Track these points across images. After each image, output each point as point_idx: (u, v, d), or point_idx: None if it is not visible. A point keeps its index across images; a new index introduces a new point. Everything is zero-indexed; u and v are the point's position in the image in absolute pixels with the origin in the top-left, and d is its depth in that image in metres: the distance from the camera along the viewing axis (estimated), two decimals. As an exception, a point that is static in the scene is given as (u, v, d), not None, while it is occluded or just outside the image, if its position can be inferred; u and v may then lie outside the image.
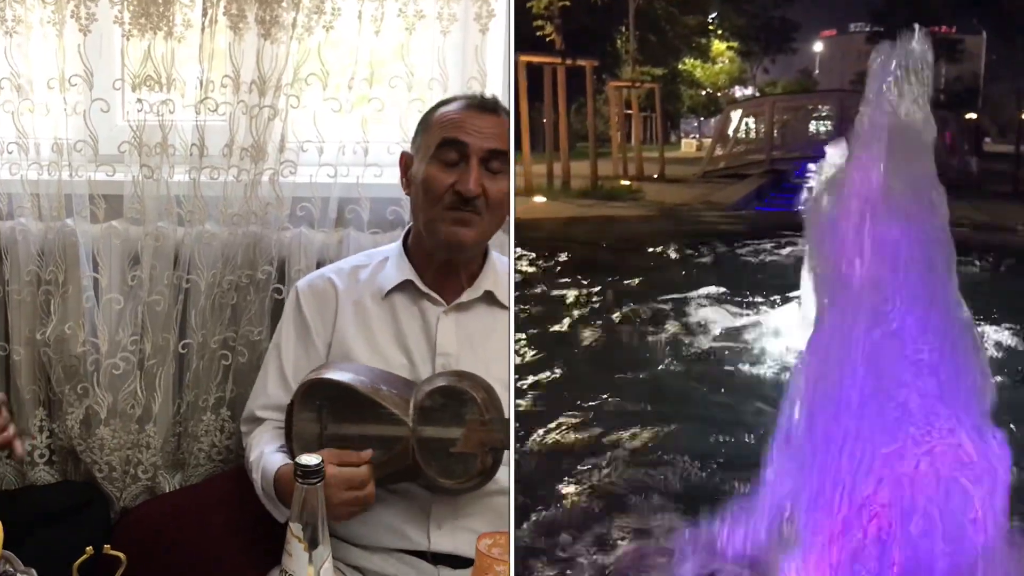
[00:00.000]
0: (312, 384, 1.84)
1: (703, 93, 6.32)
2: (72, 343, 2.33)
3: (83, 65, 2.29)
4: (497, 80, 2.40)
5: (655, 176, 6.17)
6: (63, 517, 2.11)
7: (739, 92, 6.37)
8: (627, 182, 5.97)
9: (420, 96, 2.35)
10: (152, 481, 2.43)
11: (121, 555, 1.39)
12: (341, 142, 2.37)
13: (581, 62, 5.58)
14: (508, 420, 1.79)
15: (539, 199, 5.64)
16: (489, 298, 1.99)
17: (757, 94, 6.34)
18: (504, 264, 2.05)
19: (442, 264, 1.98)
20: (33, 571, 1.41)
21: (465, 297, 1.97)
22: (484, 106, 1.96)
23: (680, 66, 6.12)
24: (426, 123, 1.99)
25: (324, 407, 1.82)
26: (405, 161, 2.03)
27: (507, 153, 1.92)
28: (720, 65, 6.15)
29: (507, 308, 1.99)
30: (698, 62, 6.15)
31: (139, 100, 2.29)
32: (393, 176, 2.35)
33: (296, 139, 2.37)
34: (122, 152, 2.33)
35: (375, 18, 2.32)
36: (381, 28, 2.33)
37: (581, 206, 5.64)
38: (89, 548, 1.38)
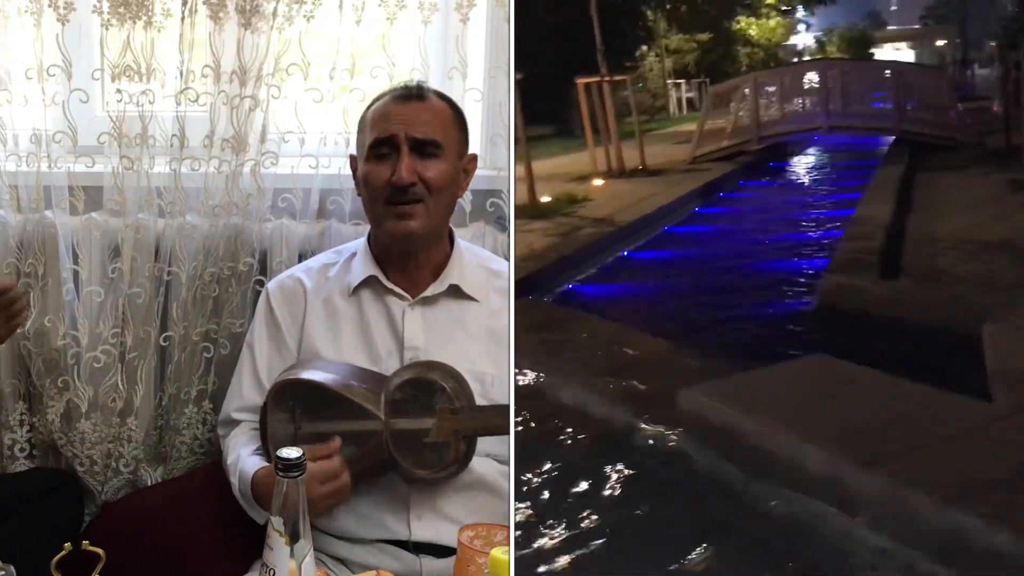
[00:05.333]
0: (284, 385, 1.85)
1: (759, 51, 6.09)
2: (52, 336, 2.32)
3: (62, 55, 2.27)
4: (479, 70, 2.39)
5: (637, 168, 6.02)
6: (34, 503, 2.10)
7: (800, 44, 6.11)
8: (597, 181, 5.84)
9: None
10: (134, 474, 2.42)
11: (100, 551, 1.38)
12: (323, 133, 2.36)
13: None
14: (482, 407, 1.80)
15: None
16: (455, 291, 1.99)
17: (815, 45, 6.06)
18: (474, 255, 2.06)
19: (401, 258, 1.99)
20: (11, 568, 1.40)
21: (430, 291, 1.97)
22: (409, 95, 1.98)
23: (735, 26, 5.92)
24: (361, 124, 2.02)
25: (297, 407, 1.83)
26: (353, 164, 2.05)
27: (435, 140, 1.93)
28: (775, 19, 5.92)
29: (475, 300, 1.99)
30: (752, 19, 5.96)
31: (119, 90, 2.28)
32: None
33: (277, 130, 2.36)
34: (102, 143, 2.32)
35: (356, 7, 2.31)
36: (362, 18, 2.32)
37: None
38: (67, 544, 1.37)
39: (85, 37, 2.32)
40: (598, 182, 5.96)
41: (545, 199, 5.88)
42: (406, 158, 1.90)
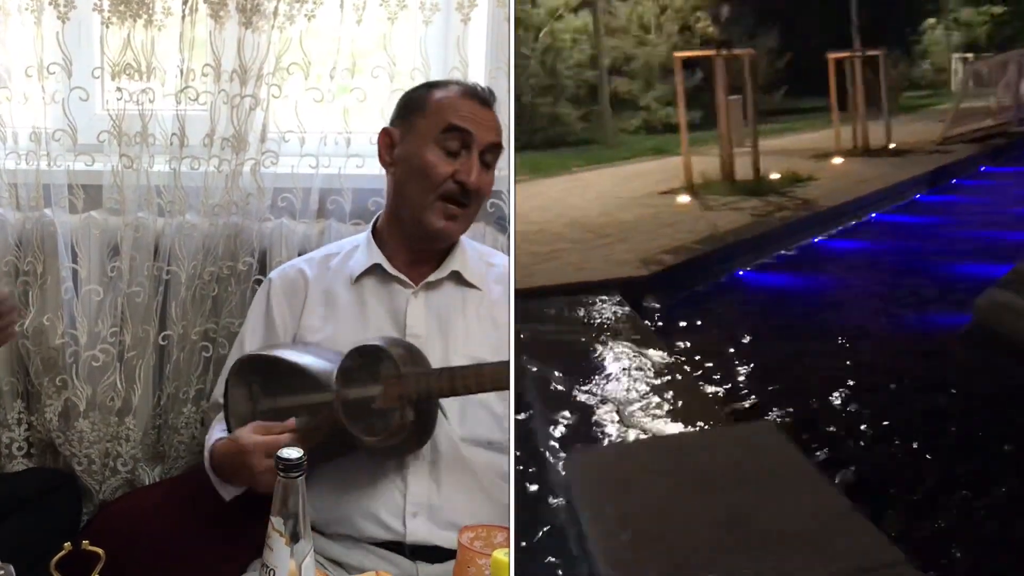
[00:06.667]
0: (242, 361, 1.88)
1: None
2: (51, 335, 2.31)
3: (62, 53, 2.26)
4: (479, 70, 2.39)
5: (881, 147, 5.63)
6: (33, 504, 2.10)
7: None
8: (836, 159, 5.44)
9: (402, 86, 2.33)
10: (132, 474, 2.41)
11: (100, 551, 1.38)
12: (323, 132, 2.36)
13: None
14: (426, 371, 1.78)
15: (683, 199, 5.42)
16: (456, 277, 1.99)
17: None
18: (473, 247, 2.07)
19: (412, 249, 1.99)
20: (10, 567, 1.39)
21: (433, 277, 1.98)
22: (484, 99, 1.96)
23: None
24: (422, 103, 1.96)
25: (255, 383, 1.86)
26: (387, 138, 1.99)
27: (500, 147, 1.94)
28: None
29: (475, 287, 1.99)
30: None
31: (119, 89, 2.28)
32: (375, 167, 2.34)
33: (278, 129, 2.36)
34: (101, 141, 2.31)
35: (357, 7, 2.31)
36: (363, 18, 2.32)
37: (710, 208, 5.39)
38: (67, 544, 1.37)
39: (85, 35, 2.32)
40: (836, 160, 5.77)
41: (774, 176, 5.72)
42: (477, 162, 1.89)
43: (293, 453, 1.33)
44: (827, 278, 4.62)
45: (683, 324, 3.81)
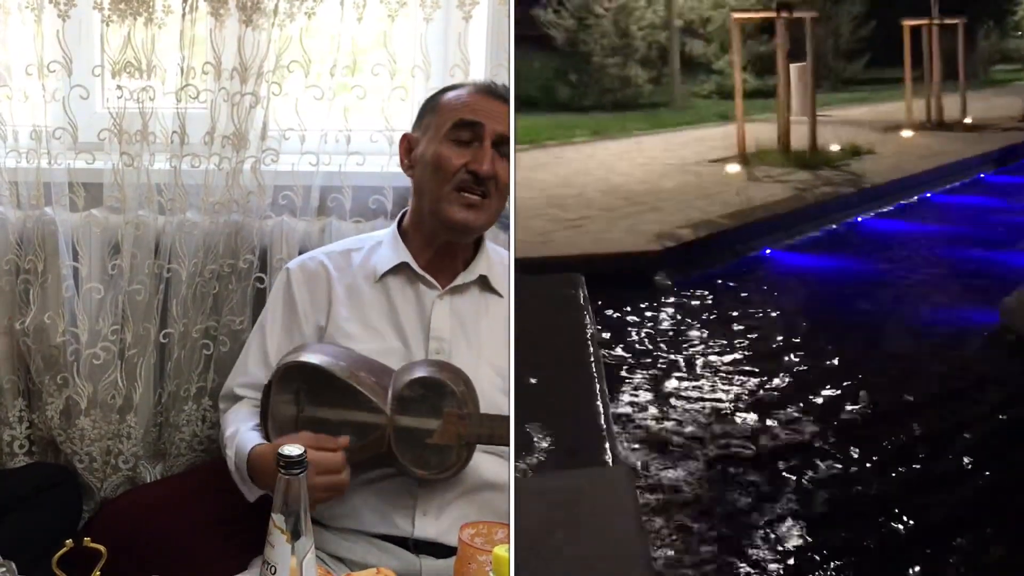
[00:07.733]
0: (291, 366, 1.84)
1: None
2: (52, 333, 2.31)
3: (62, 51, 2.26)
4: (480, 68, 2.39)
5: (955, 121, 5.40)
6: (33, 500, 2.10)
7: None
8: (905, 132, 5.22)
9: (402, 84, 2.34)
10: (133, 471, 2.41)
11: (102, 548, 1.38)
12: (323, 130, 2.36)
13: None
14: (490, 415, 1.79)
15: (733, 167, 5.16)
16: (483, 282, 2.00)
17: None
18: (498, 253, 2.07)
19: (440, 247, 1.99)
20: (12, 564, 1.40)
21: (460, 280, 1.98)
22: (495, 92, 1.99)
23: None
24: (435, 105, 2.01)
25: (302, 390, 1.82)
26: (407, 143, 2.03)
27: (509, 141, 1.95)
28: None
29: (500, 294, 2.00)
30: None
31: (119, 87, 2.27)
32: (376, 164, 2.35)
33: (278, 127, 2.35)
34: (102, 139, 2.31)
35: (357, 5, 2.31)
36: (363, 15, 2.32)
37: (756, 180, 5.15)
38: (69, 541, 1.37)
39: (85, 33, 2.32)
40: (903, 133, 5.60)
41: (833, 148, 5.53)
42: (489, 150, 1.91)
43: (294, 450, 1.33)
44: (859, 262, 4.36)
45: (687, 306, 3.63)
